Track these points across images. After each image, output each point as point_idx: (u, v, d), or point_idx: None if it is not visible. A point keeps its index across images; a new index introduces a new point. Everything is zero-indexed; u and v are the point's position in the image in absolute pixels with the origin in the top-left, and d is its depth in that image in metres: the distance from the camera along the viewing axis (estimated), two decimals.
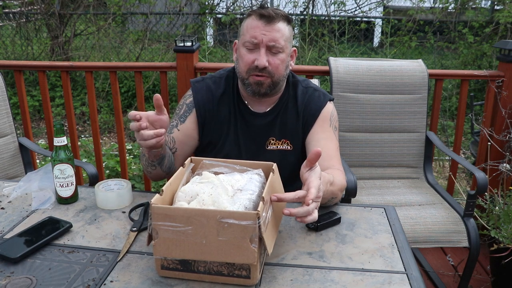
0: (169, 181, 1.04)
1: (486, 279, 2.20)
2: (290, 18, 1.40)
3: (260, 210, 0.90)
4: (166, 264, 0.98)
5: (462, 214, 1.89)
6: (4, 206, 1.32)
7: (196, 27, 5.58)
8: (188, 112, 1.47)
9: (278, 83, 1.40)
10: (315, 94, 1.49)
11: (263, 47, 1.34)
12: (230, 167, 1.14)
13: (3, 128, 2.12)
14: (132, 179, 3.11)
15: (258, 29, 1.33)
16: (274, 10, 1.35)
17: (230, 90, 1.48)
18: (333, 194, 1.24)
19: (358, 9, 5.98)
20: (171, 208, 0.94)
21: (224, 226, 0.90)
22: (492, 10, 5.67)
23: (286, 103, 1.48)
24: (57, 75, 5.14)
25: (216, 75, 1.53)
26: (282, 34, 1.35)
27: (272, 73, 1.36)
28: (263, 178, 1.11)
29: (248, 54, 1.36)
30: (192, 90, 1.50)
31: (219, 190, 1.02)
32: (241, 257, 0.93)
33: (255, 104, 1.47)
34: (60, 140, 1.27)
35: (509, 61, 2.31)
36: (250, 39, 1.34)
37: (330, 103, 1.50)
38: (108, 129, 4.75)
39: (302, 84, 1.51)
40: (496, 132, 2.37)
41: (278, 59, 1.36)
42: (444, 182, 3.55)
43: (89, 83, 2.47)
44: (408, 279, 1.00)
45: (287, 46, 1.38)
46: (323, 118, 1.46)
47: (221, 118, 1.47)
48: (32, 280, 0.98)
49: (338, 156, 1.44)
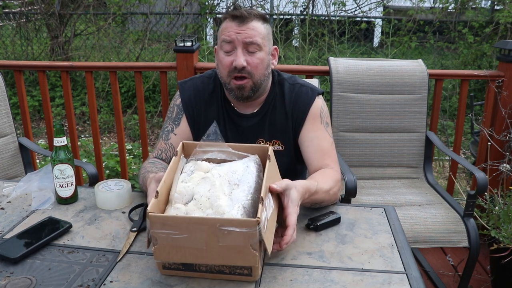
0: (163, 178, 1.02)
1: (486, 279, 2.20)
2: (266, 17, 1.37)
3: (260, 216, 0.90)
4: (167, 264, 0.98)
5: (462, 214, 1.89)
6: (4, 206, 1.32)
7: (196, 27, 5.58)
8: (180, 114, 1.45)
9: (261, 84, 1.37)
10: (302, 90, 1.45)
11: (240, 47, 1.32)
12: (224, 151, 1.11)
13: (3, 128, 2.12)
14: (132, 179, 3.11)
15: (232, 29, 1.32)
16: (247, 10, 1.33)
17: (217, 91, 1.46)
18: (316, 200, 1.21)
19: (358, 9, 5.97)
20: (168, 217, 0.93)
21: (224, 233, 0.89)
22: (492, 10, 5.67)
23: (274, 102, 1.45)
24: (57, 75, 5.14)
25: (204, 75, 1.51)
26: (258, 32, 1.32)
27: (251, 73, 1.33)
28: (260, 165, 1.10)
29: (226, 57, 1.34)
30: (180, 91, 1.48)
31: (217, 191, 1.01)
32: (243, 261, 0.93)
33: (241, 106, 1.45)
34: (60, 140, 1.27)
35: (509, 61, 2.31)
36: (225, 39, 1.32)
37: (319, 98, 1.46)
38: (108, 129, 4.75)
39: (288, 81, 1.47)
40: (496, 132, 2.37)
41: (257, 58, 1.33)
42: (444, 182, 3.55)
43: (89, 83, 2.47)
44: (408, 279, 1.00)
45: (265, 44, 1.35)
46: (313, 116, 1.43)
47: (210, 118, 1.44)
48: (32, 280, 0.98)
49: (333, 153, 1.41)
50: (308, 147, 1.40)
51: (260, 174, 1.07)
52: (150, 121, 4.79)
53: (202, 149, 1.12)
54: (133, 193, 1.37)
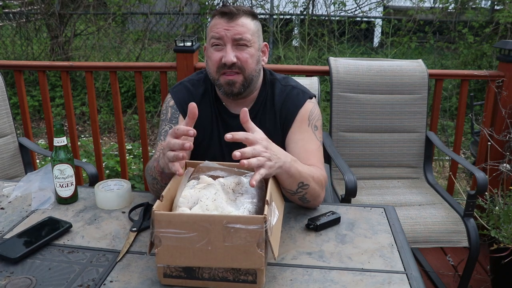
0: (168, 186, 1.02)
1: (486, 279, 2.20)
2: (255, 13, 1.36)
3: (267, 214, 0.89)
4: (169, 271, 0.96)
5: (462, 214, 1.89)
6: (4, 206, 1.32)
7: (196, 27, 5.58)
8: (175, 113, 1.44)
9: (251, 80, 1.36)
10: (293, 92, 1.43)
11: (229, 43, 1.31)
12: (226, 170, 1.12)
13: (3, 128, 2.12)
14: (132, 179, 3.11)
15: (220, 26, 1.31)
16: (235, 6, 1.33)
17: (209, 91, 1.46)
18: (302, 177, 1.17)
19: (358, 9, 5.97)
20: (175, 214, 0.93)
21: (230, 231, 0.89)
22: (492, 10, 5.67)
23: (264, 103, 1.44)
24: (57, 75, 5.14)
25: (193, 77, 1.50)
26: (247, 28, 1.32)
27: (242, 68, 1.32)
28: (262, 181, 1.10)
29: (215, 53, 1.33)
30: (171, 94, 1.47)
31: (222, 195, 1.01)
32: (248, 262, 0.91)
33: (232, 105, 1.44)
34: (60, 140, 1.27)
35: (509, 61, 2.31)
36: (214, 36, 1.32)
37: (311, 101, 1.43)
38: (108, 129, 4.75)
39: (281, 82, 1.46)
40: (496, 132, 2.37)
41: (247, 53, 1.32)
42: (444, 182, 3.55)
43: (89, 83, 2.47)
44: (408, 279, 1.00)
45: (255, 40, 1.34)
46: (301, 119, 1.41)
47: (203, 119, 1.43)
48: (32, 280, 0.98)
49: (318, 156, 1.38)
50: (293, 148, 1.38)
51: (263, 187, 1.08)
52: (150, 121, 4.79)
53: (205, 165, 1.12)
54: (133, 193, 1.37)
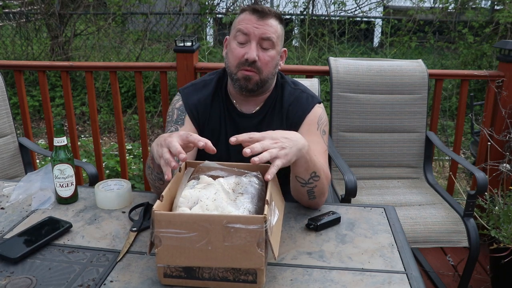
0: (168, 186, 1.02)
1: (486, 279, 2.20)
2: (283, 18, 1.39)
3: (267, 214, 0.89)
4: (169, 272, 0.96)
5: (462, 214, 1.89)
6: (4, 206, 1.32)
7: (196, 27, 5.58)
8: (182, 115, 1.44)
9: (267, 81, 1.38)
10: (303, 96, 1.45)
11: (254, 41, 1.32)
12: (227, 170, 1.12)
13: (3, 128, 2.12)
14: (132, 179, 3.11)
15: (250, 22, 1.33)
16: (267, 7, 1.35)
17: (220, 91, 1.47)
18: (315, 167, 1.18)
19: (358, 9, 5.98)
20: (175, 214, 0.93)
21: (230, 231, 0.89)
22: (492, 10, 5.67)
23: (274, 104, 1.45)
24: (57, 75, 5.14)
25: (206, 78, 1.51)
26: (274, 30, 1.34)
27: (260, 69, 1.34)
28: (262, 180, 1.11)
29: (238, 48, 1.34)
30: (181, 95, 1.47)
31: (222, 194, 1.01)
32: (248, 262, 0.91)
33: (243, 104, 1.45)
34: (60, 140, 1.27)
35: (509, 61, 2.31)
36: (242, 30, 1.33)
37: (319, 106, 1.45)
38: (108, 129, 4.75)
39: (290, 85, 1.48)
40: (496, 132, 2.37)
41: (268, 55, 1.34)
42: (444, 182, 3.55)
43: (89, 83, 2.47)
44: (408, 279, 1.00)
45: (278, 43, 1.37)
46: (310, 122, 1.42)
47: (213, 119, 1.45)
48: (32, 280, 0.98)
49: (325, 159, 1.39)
50: None
51: (263, 188, 1.08)
52: (150, 121, 4.79)
53: (205, 165, 1.12)
54: (133, 193, 1.37)
